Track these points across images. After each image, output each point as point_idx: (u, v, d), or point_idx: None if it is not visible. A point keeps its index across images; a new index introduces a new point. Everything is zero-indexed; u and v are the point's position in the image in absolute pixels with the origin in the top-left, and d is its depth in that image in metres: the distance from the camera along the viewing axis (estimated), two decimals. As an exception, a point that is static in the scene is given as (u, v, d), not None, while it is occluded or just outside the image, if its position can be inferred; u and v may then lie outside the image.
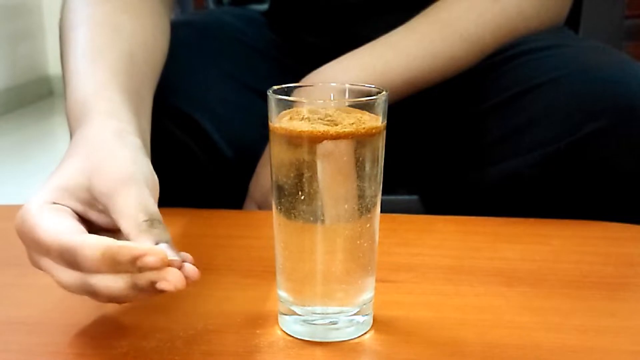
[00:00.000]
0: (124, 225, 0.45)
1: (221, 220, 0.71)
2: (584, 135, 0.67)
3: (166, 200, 0.52)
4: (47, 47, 4.14)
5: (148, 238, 0.43)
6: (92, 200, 0.47)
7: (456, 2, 0.78)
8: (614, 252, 0.62)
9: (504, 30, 0.78)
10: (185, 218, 0.68)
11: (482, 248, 0.63)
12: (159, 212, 0.46)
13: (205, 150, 0.74)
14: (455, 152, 0.81)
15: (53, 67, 4.17)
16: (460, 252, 0.62)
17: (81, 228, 0.45)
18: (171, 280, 0.42)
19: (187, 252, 0.45)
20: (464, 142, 0.79)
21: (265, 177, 0.75)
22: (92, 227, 0.47)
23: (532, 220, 0.69)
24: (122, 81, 0.57)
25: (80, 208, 0.47)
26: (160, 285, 0.42)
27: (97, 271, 0.43)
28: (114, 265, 0.42)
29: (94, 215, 0.48)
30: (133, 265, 0.42)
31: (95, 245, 0.42)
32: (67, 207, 0.47)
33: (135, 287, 0.43)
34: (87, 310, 0.51)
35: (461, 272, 0.58)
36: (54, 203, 0.46)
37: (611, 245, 0.64)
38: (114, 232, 0.47)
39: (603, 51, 0.76)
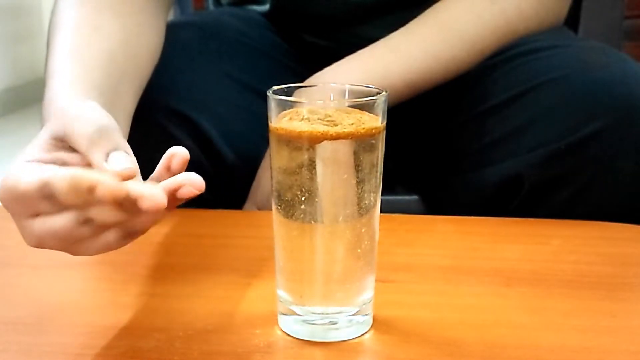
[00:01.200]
0: (79, 143, 0.45)
1: (221, 220, 0.71)
2: (584, 136, 0.67)
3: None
4: (47, 47, 4.14)
5: (97, 150, 0.43)
6: (66, 148, 0.47)
7: (455, 4, 0.78)
8: (614, 252, 0.62)
9: (503, 31, 0.78)
10: (185, 218, 0.68)
11: (481, 248, 0.63)
12: (112, 124, 0.45)
13: (205, 151, 0.74)
14: (455, 152, 0.81)
15: (53, 68, 4.16)
16: (460, 252, 0.62)
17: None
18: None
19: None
20: (464, 142, 0.79)
21: (266, 180, 0.74)
22: None
23: (532, 220, 0.69)
24: (95, 77, 0.56)
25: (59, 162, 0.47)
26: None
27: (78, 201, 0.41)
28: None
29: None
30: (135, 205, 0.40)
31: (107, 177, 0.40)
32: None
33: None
34: (86, 311, 0.52)
35: (461, 272, 0.58)
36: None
37: (611, 245, 0.64)
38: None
39: (602, 51, 0.76)
